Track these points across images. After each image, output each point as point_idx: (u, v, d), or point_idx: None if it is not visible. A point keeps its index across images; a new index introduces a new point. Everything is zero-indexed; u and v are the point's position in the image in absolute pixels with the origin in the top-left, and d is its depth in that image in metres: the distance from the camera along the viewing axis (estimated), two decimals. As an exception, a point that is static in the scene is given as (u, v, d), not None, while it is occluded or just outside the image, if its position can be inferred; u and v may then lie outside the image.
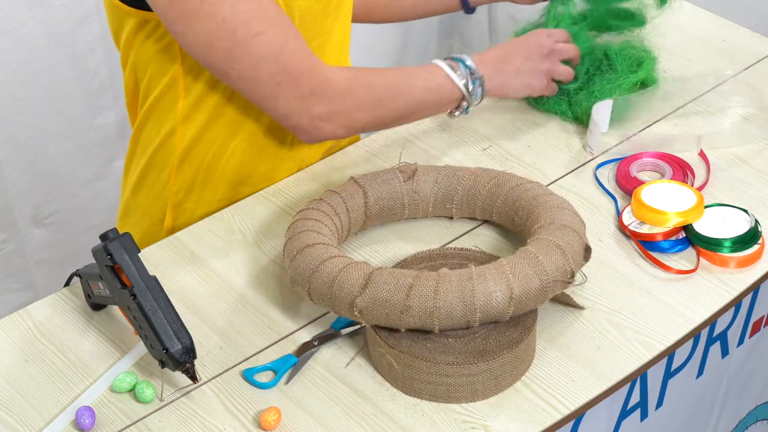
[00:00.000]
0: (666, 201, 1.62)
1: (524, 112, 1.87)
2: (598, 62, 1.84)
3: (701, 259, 1.59)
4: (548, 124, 1.85)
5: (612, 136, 1.78)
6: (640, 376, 1.53)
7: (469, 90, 1.68)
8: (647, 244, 1.60)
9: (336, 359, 1.48)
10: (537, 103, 1.85)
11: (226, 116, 1.67)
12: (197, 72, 1.63)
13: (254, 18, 1.50)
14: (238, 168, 1.72)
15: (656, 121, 1.82)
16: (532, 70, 1.76)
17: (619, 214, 1.66)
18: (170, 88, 1.66)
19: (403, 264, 1.54)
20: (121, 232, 1.81)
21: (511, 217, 1.59)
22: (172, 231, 1.75)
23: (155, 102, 1.68)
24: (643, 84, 1.86)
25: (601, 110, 1.76)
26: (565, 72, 1.80)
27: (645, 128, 1.81)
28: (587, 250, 1.50)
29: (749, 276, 1.57)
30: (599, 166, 1.74)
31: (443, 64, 1.68)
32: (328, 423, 1.40)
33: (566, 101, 1.83)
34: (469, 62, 1.68)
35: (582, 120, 1.82)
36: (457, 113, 1.71)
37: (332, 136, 1.62)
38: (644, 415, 1.61)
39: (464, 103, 1.69)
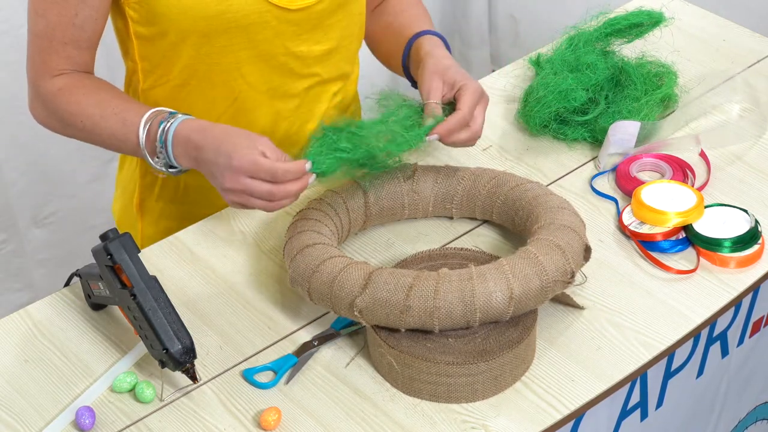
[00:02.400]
0: (666, 201, 1.62)
1: (524, 112, 1.87)
2: (615, 80, 1.81)
3: (701, 259, 1.59)
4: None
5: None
6: (640, 376, 1.53)
7: (151, 161, 1.57)
8: (647, 244, 1.60)
9: (336, 359, 1.48)
10: (557, 133, 1.80)
11: (178, 104, 1.68)
12: (151, 57, 1.65)
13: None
14: None
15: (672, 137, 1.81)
16: (221, 188, 1.51)
17: (619, 214, 1.66)
18: (133, 74, 1.70)
19: (403, 264, 1.54)
20: (113, 205, 1.85)
21: (511, 217, 1.59)
22: (140, 210, 1.79)
23: (128, 81, 1.73)
24: (662, 99, 1.83)
25: (622, 130, 1.73)
26: (250, 207, 1.51)
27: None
28: (587, 250, 1.50)
29: (749, 276, 1.57)
30: (594, 176, 1.74)
31: (145, 118, 1.56)
32: (328, 423, 1.40)
33: (587, 129, 1.78)
34: (170, 133, 1.54)
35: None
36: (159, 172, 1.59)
37: (38, 123, 1.69)
38: (644, 415, 1.61)
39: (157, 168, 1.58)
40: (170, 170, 1.58)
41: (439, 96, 1.58)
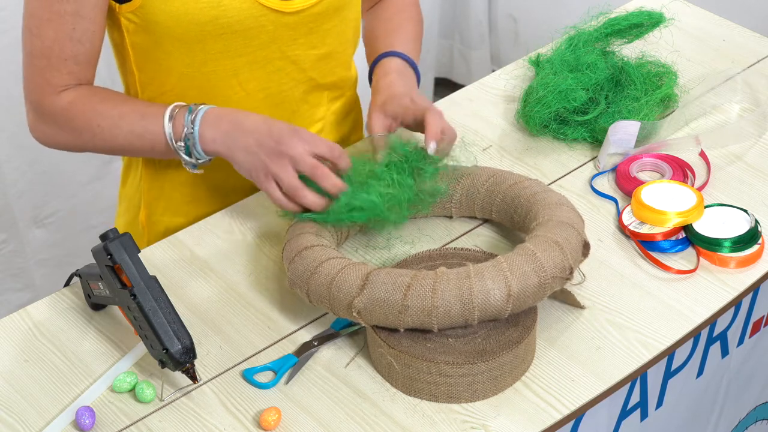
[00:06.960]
0: (666, 201, 1.62)
1: (524, 112, 1.87)
2: (615, 80, 1.81)
3: (701, 259, 1.59)
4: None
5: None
6: (640, 376, 1.53)
7: (175, 145, 1.57)
8: (647, 244, 1.60)
9: (336, 359, 1.48)
10: (557, 133, 1.80)
11: None
12: (148, 68, 1.64)
13: (37, 15, 1.61)
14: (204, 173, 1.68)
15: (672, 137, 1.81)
16: (256, 161, 1.52)
17: (619, 214, 1.66)
18: (131, 86, 1.69)
19: (403, 264, 1.54)
20: (115, 220, 1.85)
21: (510, 214, 1.59)
22: (146, 226, 1.78)
23: (126, 95, 1.72)
24: (662, 99, 1.84)
25: (622, 130, 1.73)
26: (291, 187, 1.51)
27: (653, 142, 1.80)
28: (586, 247, 1.50)
29: (749, 276, 1.57)
30: (594, 176, 1.74)
31: (169, 110, 1.57)
32: (328, 423, 1.40)
33: (587, 129, 1.78)
34: (199, 115, 1.56)
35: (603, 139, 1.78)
36: (187, 168, 1.60)
37: (42, 143, 1.68)
38: (644, 415, 1.61)
39: (184, 156, 1.58)
40: (198, 161, 1.57)
41: (382, 129, 1.61)
